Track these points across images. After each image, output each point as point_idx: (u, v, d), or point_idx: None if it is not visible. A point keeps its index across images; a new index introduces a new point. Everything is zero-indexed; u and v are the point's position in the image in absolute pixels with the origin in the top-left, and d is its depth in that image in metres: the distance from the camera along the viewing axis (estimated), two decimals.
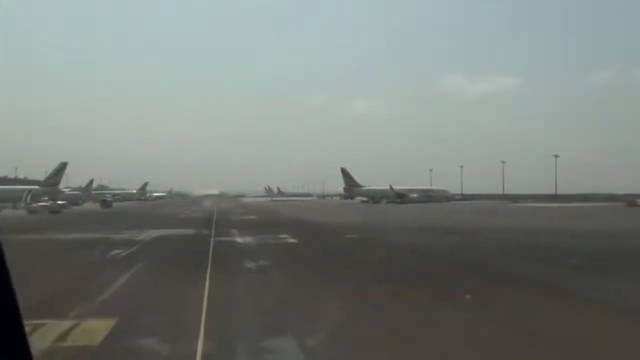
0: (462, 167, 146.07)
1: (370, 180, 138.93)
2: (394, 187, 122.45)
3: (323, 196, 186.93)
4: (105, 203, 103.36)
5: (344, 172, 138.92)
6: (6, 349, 2.22)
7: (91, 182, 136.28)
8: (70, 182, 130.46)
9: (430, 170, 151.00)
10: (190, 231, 37.36)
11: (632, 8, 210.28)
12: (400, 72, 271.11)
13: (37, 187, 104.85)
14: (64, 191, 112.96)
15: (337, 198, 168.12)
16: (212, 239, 29.89)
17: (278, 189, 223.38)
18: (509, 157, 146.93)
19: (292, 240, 29.21)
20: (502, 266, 19.16)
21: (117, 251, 23.87)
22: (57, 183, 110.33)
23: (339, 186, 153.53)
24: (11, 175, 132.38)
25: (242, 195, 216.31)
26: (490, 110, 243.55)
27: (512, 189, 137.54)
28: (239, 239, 30.38)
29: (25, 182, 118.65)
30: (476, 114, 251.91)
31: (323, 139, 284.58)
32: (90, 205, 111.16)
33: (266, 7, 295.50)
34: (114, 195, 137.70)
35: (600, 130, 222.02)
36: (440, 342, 9.19)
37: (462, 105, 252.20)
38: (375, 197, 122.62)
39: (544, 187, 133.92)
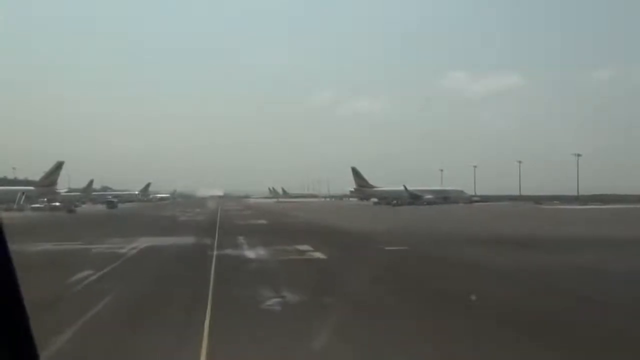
0: (475, 167, 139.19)
1: (376, 180, 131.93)
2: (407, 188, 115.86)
3: (337, 197, 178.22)
4: (110, 204, 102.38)
5: (355, 172, 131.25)
6: (13, 348, 2.18)
7: (91, 182, 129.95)
8: (71, 182, 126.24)
9: (441, 170, 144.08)
10: (189, 240, 30.90)
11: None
12: (404, 70, 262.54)
13: (32, 188, 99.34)
14: (60, 192, 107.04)
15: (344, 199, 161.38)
16: (215, 252, 23.45)
17: (283, 189, 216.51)
18: (515, 157, 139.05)
19: (319, 255, 22.39)
20: None
21: (85, 273, 17.22)
22: (54, 183, 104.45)
23: (342, 186, 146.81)
24: (10, 176, 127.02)
25: (247, 196, 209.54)
26: (497, 109, 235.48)
27: (523, 189, 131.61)
28: (249, 253, 23.79)
29: (25, 183, 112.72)
30: (482, 113, 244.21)
31: (325, 139, 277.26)
32: (89, 207, 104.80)
33: (267, 7, 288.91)
34: (115, 196, 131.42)
35: (604, 130, 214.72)
36: None
37: (468, 104, 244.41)
38: (388, 198, 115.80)
39: (552, 187, 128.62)
